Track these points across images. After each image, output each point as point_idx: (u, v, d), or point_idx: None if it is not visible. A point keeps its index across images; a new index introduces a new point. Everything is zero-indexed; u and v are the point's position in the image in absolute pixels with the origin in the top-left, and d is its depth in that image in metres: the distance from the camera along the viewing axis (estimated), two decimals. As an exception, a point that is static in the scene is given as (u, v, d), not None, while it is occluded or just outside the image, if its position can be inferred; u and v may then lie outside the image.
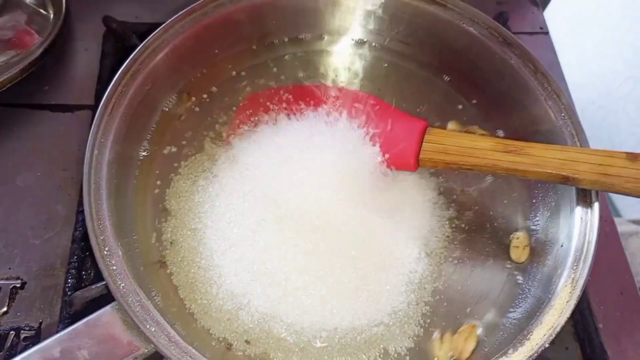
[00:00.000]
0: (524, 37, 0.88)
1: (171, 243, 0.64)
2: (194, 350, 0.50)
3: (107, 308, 0.51)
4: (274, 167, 0.66)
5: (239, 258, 0.62)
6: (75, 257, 0.65)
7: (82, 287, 0.62)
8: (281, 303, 0.60)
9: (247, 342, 0.58)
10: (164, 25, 0.66)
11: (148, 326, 0.50)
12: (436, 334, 0.61)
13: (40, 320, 0.62)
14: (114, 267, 0.53)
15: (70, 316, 0.60)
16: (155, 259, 0.62)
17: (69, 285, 0.63)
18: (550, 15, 0.94)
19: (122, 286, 0.52)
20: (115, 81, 0.62)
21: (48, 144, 0.74)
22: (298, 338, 0.59)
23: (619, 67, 1.89)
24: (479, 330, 0.60)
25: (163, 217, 0.65)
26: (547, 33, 0.90)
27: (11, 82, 0.72)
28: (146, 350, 0.50)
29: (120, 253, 0.54)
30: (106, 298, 0.54)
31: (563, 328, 0.53)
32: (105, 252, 0.53)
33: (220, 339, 0.59)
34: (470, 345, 0.60)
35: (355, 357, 0.59)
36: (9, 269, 0.65)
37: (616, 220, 0.74)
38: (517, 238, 0.65)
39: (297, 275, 0.60)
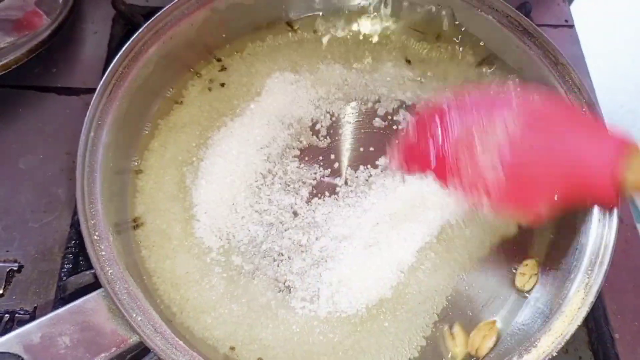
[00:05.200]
0: (547, 29, 0.83)
1: (142, 224, 0.61)
2: (180, 342, 0.48)
3: (93, 294, 0.50)
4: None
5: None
6: (73, 241, 0.64)
7: (78, 272, 0.61)
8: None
9: (231, 348, 0.56)
10: (168, 5, 0.64)
11: (134, 315, 0.48)
12: (447, 329, 0.58)
13: (36, 305, 0.61)
14: (103, 253, 0.51)
15: (64, 301, 0.59)
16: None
17: (65, 270, 0.62)
18: (578, 10, 0.89)
19: (110, 272, 0.50)
20: (115, 63, 0.60)
21: (53, 127, 0.73)
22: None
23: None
24: (500, 326, 0.57)
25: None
26: (572, 26, 0.85)
27: (17, 63, 0.70)
28: (131, 340, 0.48)
29: (110, 239, 0.52)
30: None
31: (576, 336, 0.50)
32: (95, 237, 0.52)
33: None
34: (489, 342, 0.56)
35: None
36: (7, 251, 0.64)
37: (639, 226, 0.70)
38: (526, 265, 0.60)
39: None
